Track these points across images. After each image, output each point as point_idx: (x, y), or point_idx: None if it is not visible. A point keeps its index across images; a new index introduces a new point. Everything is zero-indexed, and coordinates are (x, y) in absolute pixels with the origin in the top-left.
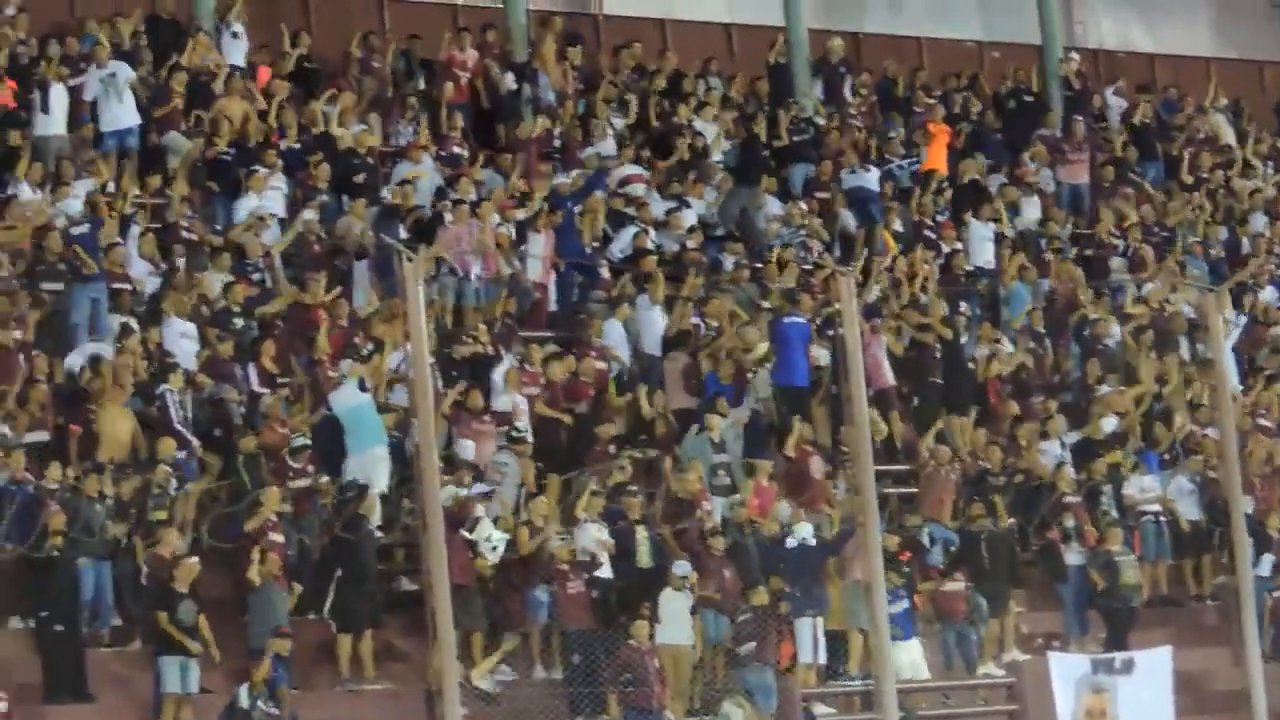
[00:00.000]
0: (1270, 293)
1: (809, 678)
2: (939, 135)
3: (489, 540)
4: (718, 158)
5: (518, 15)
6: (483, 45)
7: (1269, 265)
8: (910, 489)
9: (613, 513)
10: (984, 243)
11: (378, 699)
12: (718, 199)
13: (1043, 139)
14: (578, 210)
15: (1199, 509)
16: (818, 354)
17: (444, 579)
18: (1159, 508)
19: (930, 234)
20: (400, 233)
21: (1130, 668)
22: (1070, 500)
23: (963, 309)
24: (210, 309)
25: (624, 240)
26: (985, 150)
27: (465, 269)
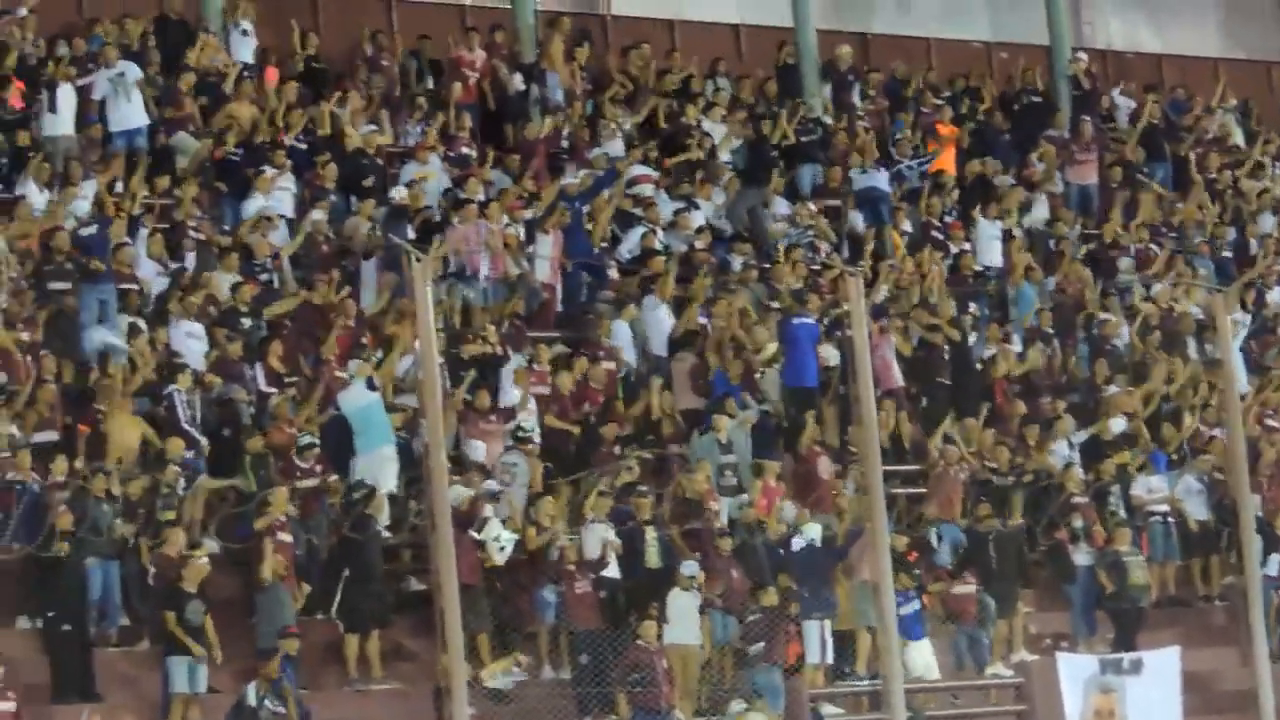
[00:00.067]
0: (1278, 293)
1: (817, 678)
2: (948, 136)
3: (497, 540)
4: (726, 158)
5: (526, 15)
6: (491, 45)
7: (1277, 265)
8: (919, 489)
9: (621, 513)
10: (992, 243)
11: (385, 699)
12: (726, 200)
13: (1051, 139)
14: (585, 210)
15: (1207, 509)
16: (826, 354)
17: (452, 579)
18: (1167, 508)
19: (938, 234)
20: (409, 233)
21: (1138, 668)
22: (1078, 500)
23: (971, 309)
24: (218, 309)
25: (632, 241)
26: (993, 151)
27: (474, 269)
